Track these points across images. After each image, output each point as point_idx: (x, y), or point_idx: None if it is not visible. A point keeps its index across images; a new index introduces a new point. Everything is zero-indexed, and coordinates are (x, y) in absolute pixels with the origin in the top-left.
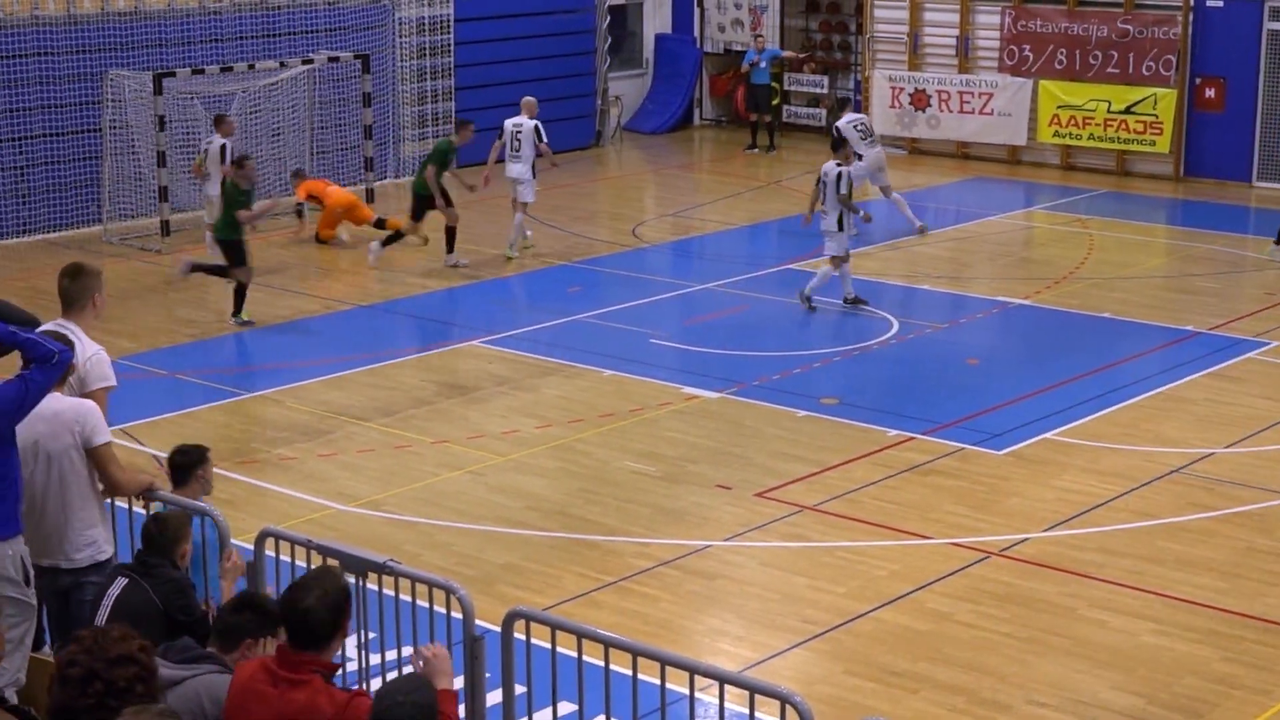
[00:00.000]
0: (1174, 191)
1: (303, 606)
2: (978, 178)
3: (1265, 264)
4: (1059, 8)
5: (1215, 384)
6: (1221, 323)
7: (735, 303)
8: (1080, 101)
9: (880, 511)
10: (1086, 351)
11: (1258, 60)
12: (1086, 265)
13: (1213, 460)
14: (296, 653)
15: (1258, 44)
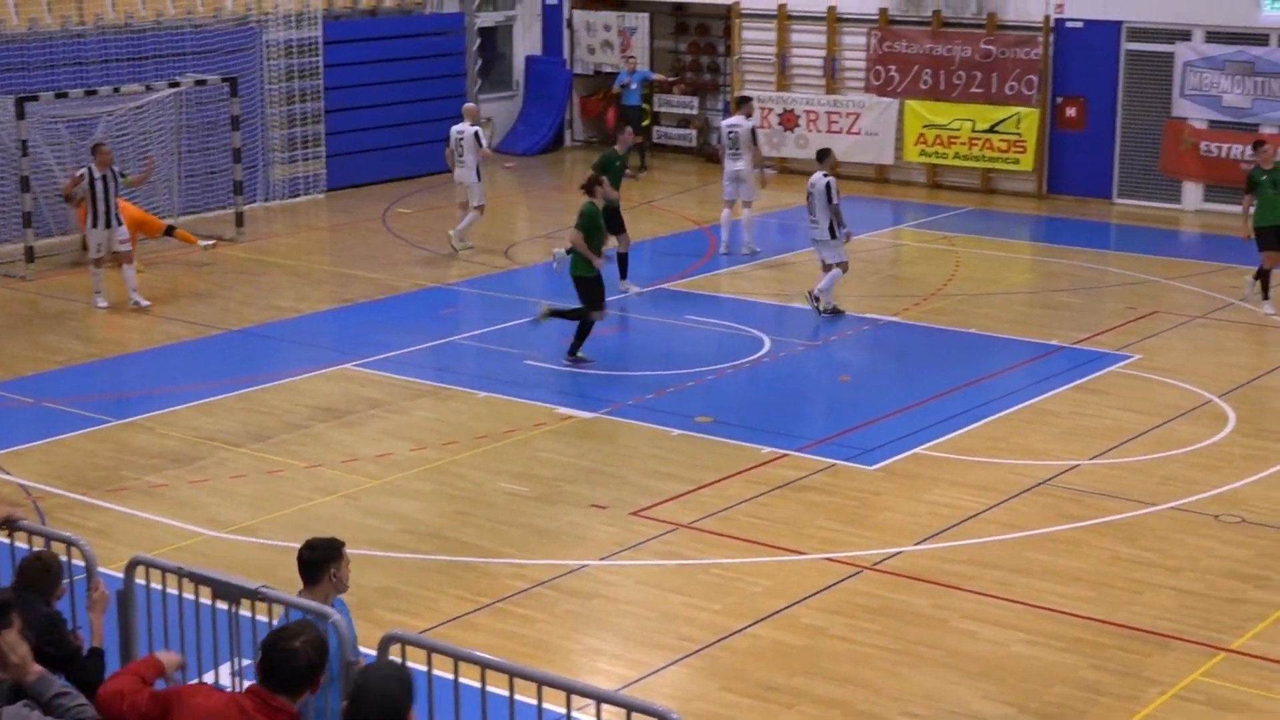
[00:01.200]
0: (1037, 209)
1: (288, 646)
2: (846, 197)
3: (1126, 279)
4: (923, 29)
5: (1080, 397)
6: (1085, 337)
7: (609, 323)
8: (945, 121)
9: (754, 528)
10: (955, 367)
11: (1116, 80)
12: (954, 282)
13: (1078, 472)
14: (273, 696)
15: (1116, 64)
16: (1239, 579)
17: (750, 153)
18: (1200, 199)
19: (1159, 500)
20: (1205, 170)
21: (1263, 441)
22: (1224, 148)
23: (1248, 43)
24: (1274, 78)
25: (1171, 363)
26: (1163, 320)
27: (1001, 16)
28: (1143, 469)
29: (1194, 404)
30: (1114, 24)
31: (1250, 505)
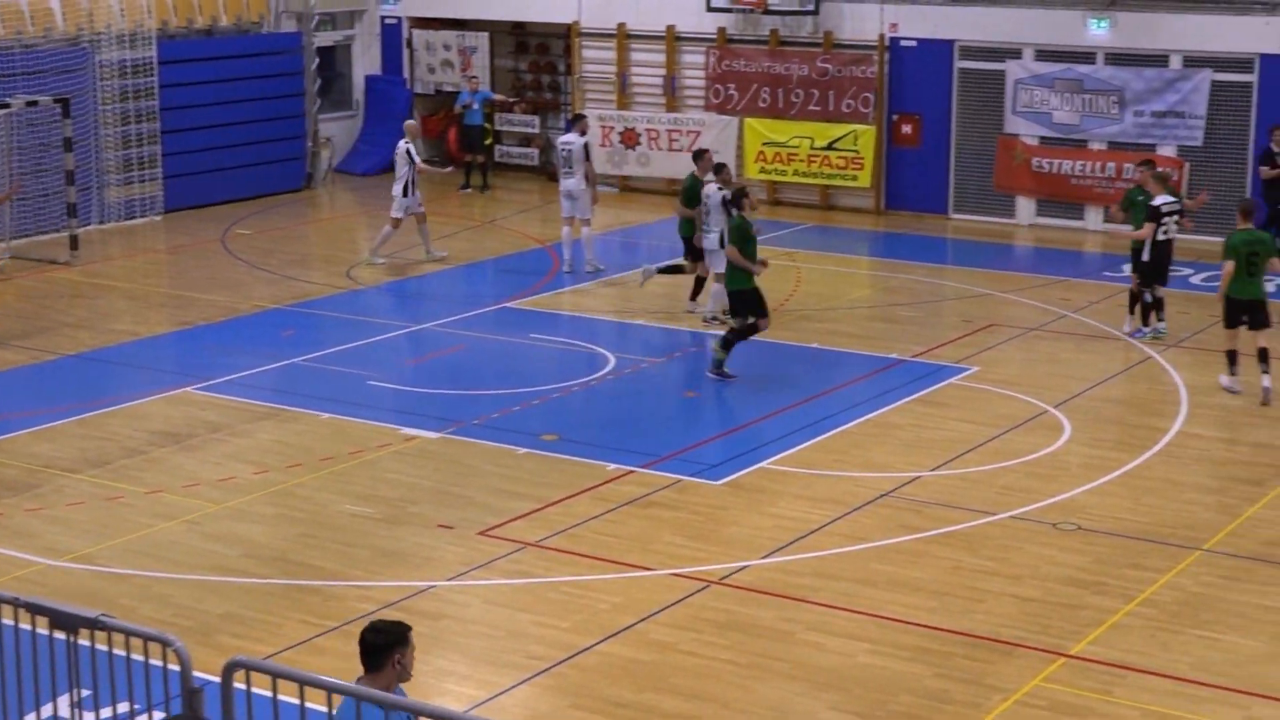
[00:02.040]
0: (876, 224)
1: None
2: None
3: (963, 293)
4: (761, 48)
5: (920, 409)
6: (924, 350)
7: (453, 342)
8: (784, 139)
9: (602, 545)
10: (798, 382)
11: (950, 97)
12: (795, 298)
13: (920, 483)
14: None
15: (950, 82)
16: (1077, 585)
17: (584, 170)
18: (1033, 213)
19: (999, 509)
20: (1037, 185)
21: (1097, 450)
22: (1055, 163)
23: (1076, 61)
24: (1101, 95)
25: (1008, 374)
26: (999, 333)
27: (838, 36)
28: (982, 479)
29: (1031, 415)
30: (947, 43)
31: (1086, 513)
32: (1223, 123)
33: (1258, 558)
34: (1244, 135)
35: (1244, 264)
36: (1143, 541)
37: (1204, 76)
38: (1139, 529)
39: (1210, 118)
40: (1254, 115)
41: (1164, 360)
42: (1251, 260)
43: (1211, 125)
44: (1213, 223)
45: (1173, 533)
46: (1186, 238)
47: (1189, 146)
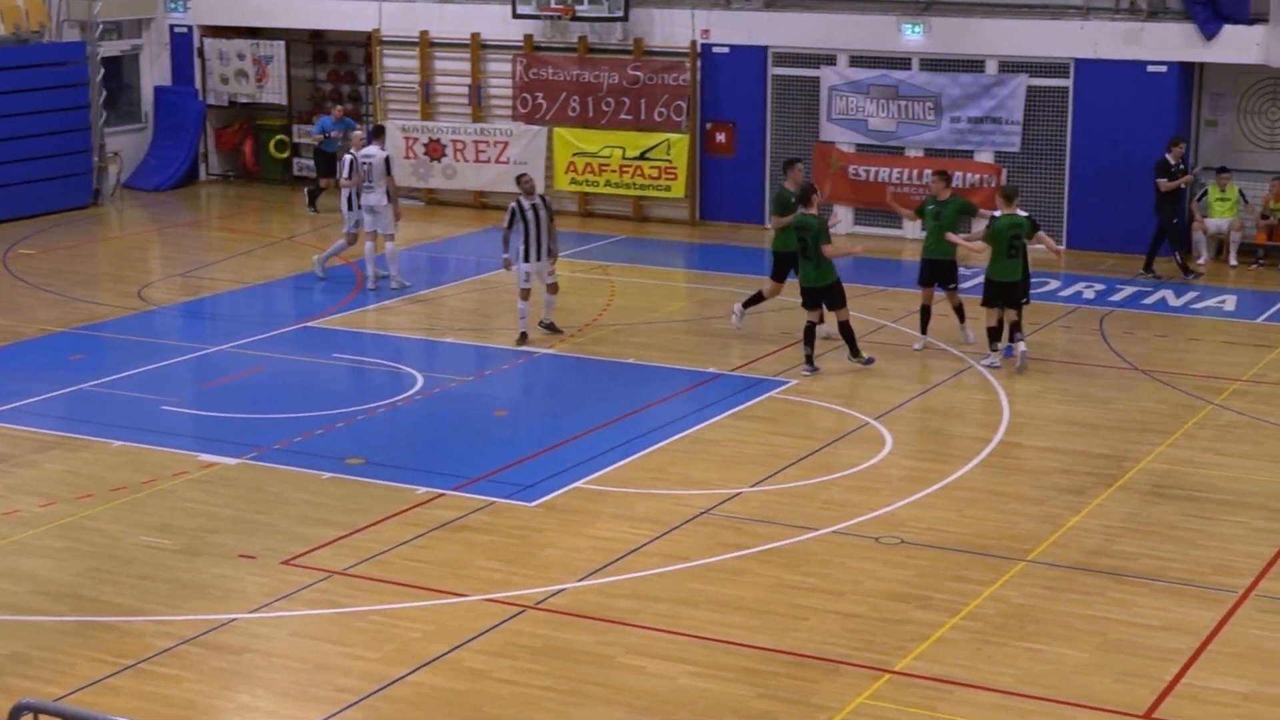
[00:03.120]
0: (690, 235)
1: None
2: (496, 227)
3: (781, 305)
4: (569, 55)
5: (739, 424)
6: (742, 364)
7: (252, 364)
8: (595, 148)
9: (412, 571)
10: (613, 398)
11: (764, 104)
12: (609, 312)
13: (739, 500)
14: None
15: (764, 88)
16: (900, 600)
17: (386, 184)
18: (851, 222)
19: (820, 524)
20: (854, 193)
21: (919, 462)
22: (872, 171)
23: (891, 67)
24: (917, 101)
25: (828, 387)
26: (818, 345)
27: (648, 42)
28: (804, 494)
29: (852, 427)
30: (759, 49)
31: (909, 526)
32: (1040, 128)
33: (1080, 567)
34: (1061, 140)
35: (1005, 247)
36: (966, 554)
37: (1020, 82)
38: (962, 541)
39: (1027, 123)
40: (1070, 120)
41: (985, 370)
42: (1013, 243)
43: (1029, 131)
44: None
45: (996, 544)
46: None
47: (1006, 152)
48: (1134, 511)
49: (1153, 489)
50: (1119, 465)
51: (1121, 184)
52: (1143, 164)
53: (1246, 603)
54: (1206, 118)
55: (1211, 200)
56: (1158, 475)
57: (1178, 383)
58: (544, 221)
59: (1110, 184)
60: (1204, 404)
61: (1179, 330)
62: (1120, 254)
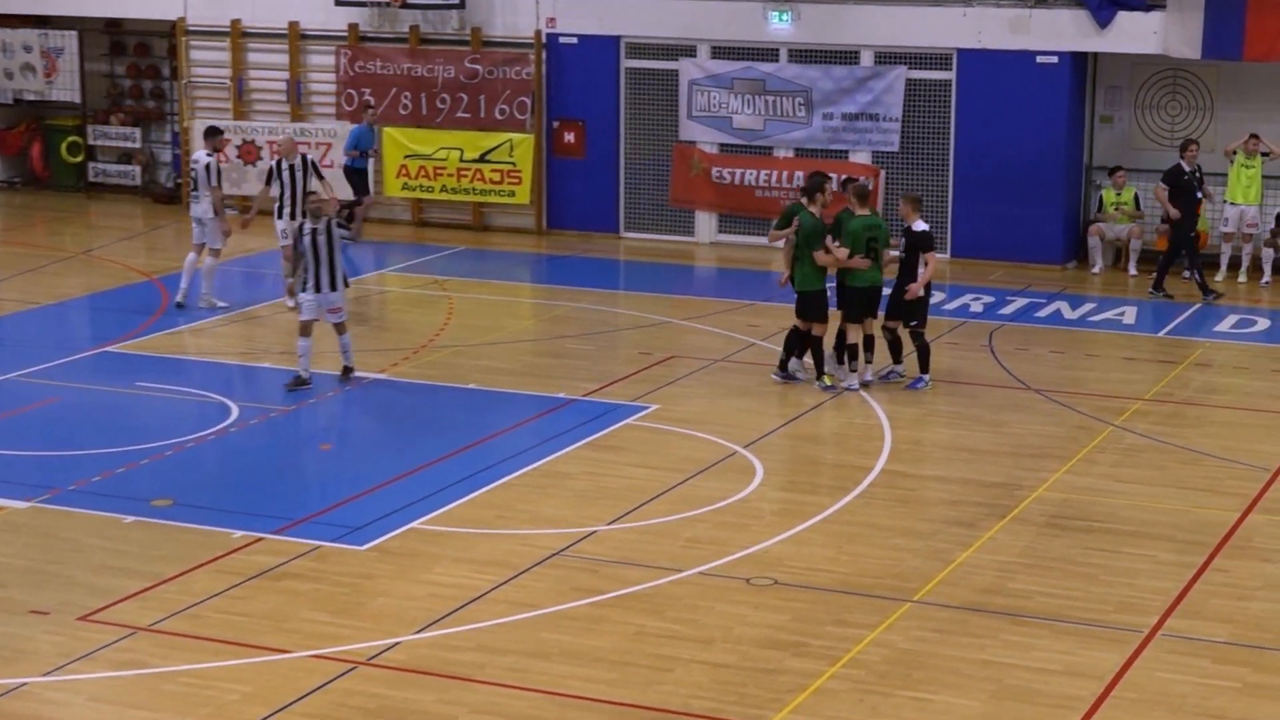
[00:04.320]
0: (537, 246)
1: None
2: None
3: (638, 321)
4: (400, 47)
5: (593, 455)
6: (596, 388)
7: (44, 395)
8: (430, 150)
9: (228, 626)
10: (453, 428)
11: (617, 101)
12: (447, 331)
13: (595, 539)
14: None
15: (616, 83)
16: (775, 647)
17: (210, 193)
18: (714, 230)
19: (685, 565)
20: (718, 199)
21: (793, 494)
22: (737, 173)
23: (756, 58)
24: (786, 96)
25: (692, 412)
26: (680, 365)
27: (488, 32)
28: (666, 531)
29: (718, 457)
30: (612, 39)
31: (783, 565)
32: (920, 125)
33: (972, 608)
34: (944, 138)
35: (863, 251)
36: (846, 595)
37: (898, 74)
38: (842, 581)
39: (907, 120)
40: (954, 116)
41: (864, 391)
42: (871, 246)
43: (908, 128)
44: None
45: (879, 584)
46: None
47: (884, 152)
48: (1030, 545)
49: (1050, 520)
50: (1012, 495)
51: (1010, 186)
52: (1032, 163)
53: (1153, 643)
54: (1101, 113)
55: (1107, 203)
56: (1055, 505)
57: (1075, 403)
58: (323, 249)
59: (998, 186)
60: (1104, 426)
61: (1076, 346)
62: (1010, 263)
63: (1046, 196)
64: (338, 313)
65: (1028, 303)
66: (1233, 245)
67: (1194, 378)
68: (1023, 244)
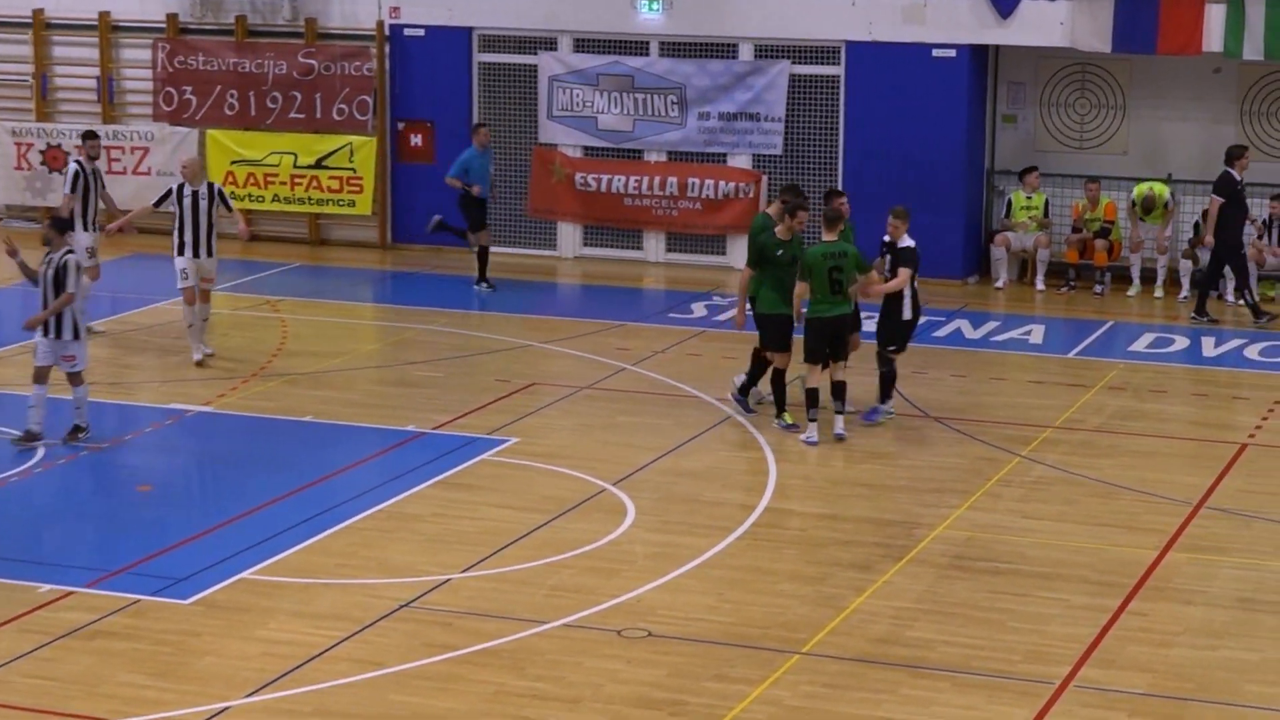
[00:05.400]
0: (382, 262)
1: None
2: (137, 254)
3: (495, 345)
4: (225, 40)
5: (446, 495)
6: (448, 420)
7: None
8: (260, 155)
9: (36, 692)
10: (288, 466)
11: (470, 99)
12: (281, 358)
13: (449, 589)
14: None
15: (469, 79)
16: (650, 706)
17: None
18: (579, 243)
19: (550, 616)
20: (582, 208)
21: (668, 536)
22: (603, 179)
23: (624, 52)
24: (657, 93)
25: (555, 446)
26: (542, 394)
27: (324, 23)
28: (528, 579)
29: (585, 495)
30: (463, 30)
31: (657, 615)
32: (806, 125)
33: (867, 659)
34: (832, 140)
35: (826, 281)
36: (728, 647)
37: (781, 69)
38: (723, 632)
39: (791, 120)
40: (842, 115)
41: (747, 421)
42: (835, 277)
43: (793, 129)
44: None
45: (765, 634)
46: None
47: (767, 155)
48: (930, 589)
49: (952, 562)
50: (910, 534)
51: (905, 192)
52: (929, 168)
53: (1065, 695)
54: (1003, 112)
55: (1016, 207)
56: (957, 545)
57: (978, 432)
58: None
59: (891, 193)
60: (1010, 457)
61: (978, 368)
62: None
63: (945, 204)
64: (69, 361)
65: (925, 321)
66: (1142, 256)
67: (1108, 403)
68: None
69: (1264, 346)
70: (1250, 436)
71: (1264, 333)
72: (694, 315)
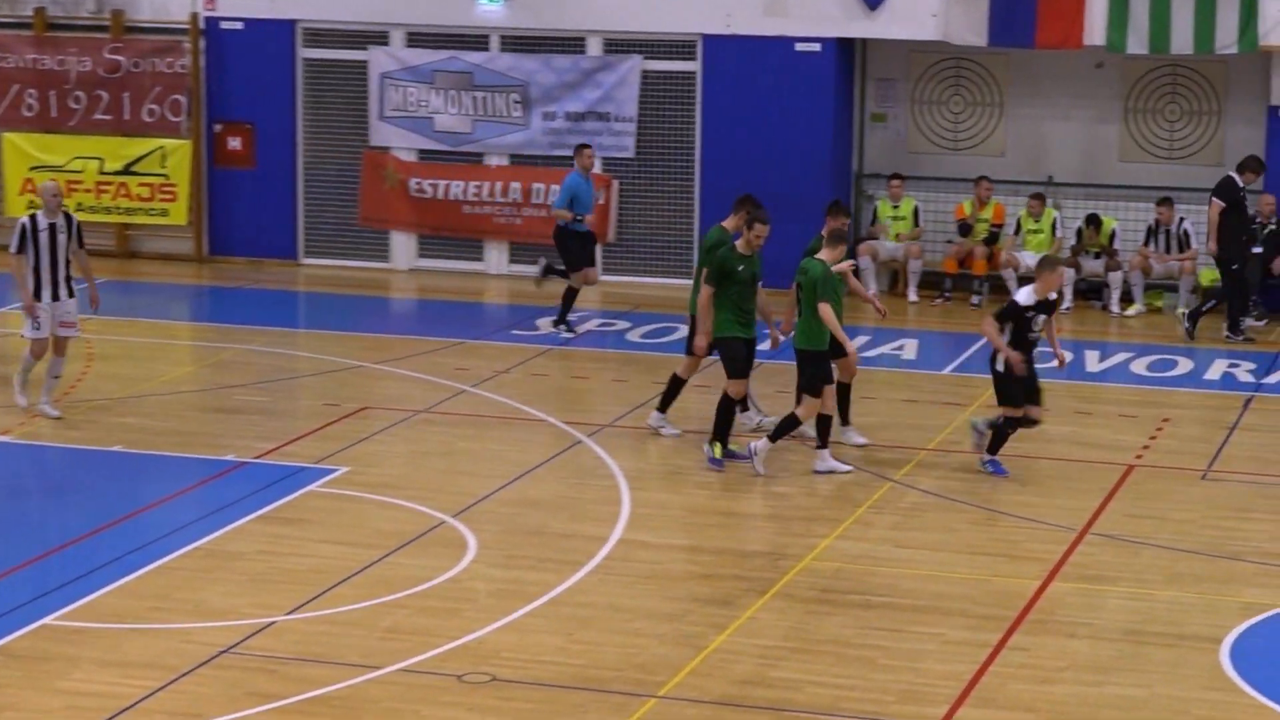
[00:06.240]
0: (198, 276)
1: None
2: None
3: (323, 366)
4: (23, 34)
5: (270, 530)
6: (272, 448)
7: None
8: (62, 160)
9: None
10: (95, 500)
11: (294, 99)
12: (86, 382)
13: (274, 632)
14: None
15: (292, 77)
16: None
17: None
18: (414, 254)
19: (384, 661)
20: (418, 216)
21: (513, 572)
22: (440, 185)
23: (462, 47)
24: (499, 92)
25: (389, 475)
26: (374, 419)
27: (132, 16)
28: (360, 621)
29: (422, 528)
30: (286, 24)
31: (501, 658)
32: (660, 126)
33: (730, 702)
34: (688, 141)
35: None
36: (579, 691)
37: (632, 65)
38: (574, 675)
39: (644, 120)
40: (699, 115)
41: (597, 445)
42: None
43: (646, 130)
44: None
45: (618, 676)
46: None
47: (618, 158)
48: (797, 626)
49: (820, 596)
50: (775, 566)
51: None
52: (793, 171)
53: None
54: (872, 111)
55: (882, 218)
56: (826, 577)
57: (847, 455)
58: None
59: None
60: (881, 481)
61: None
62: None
63: (810, 210)
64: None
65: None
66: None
67: None
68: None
69: (1151, 361)
70: (1137, 457)
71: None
72: (539, 332)
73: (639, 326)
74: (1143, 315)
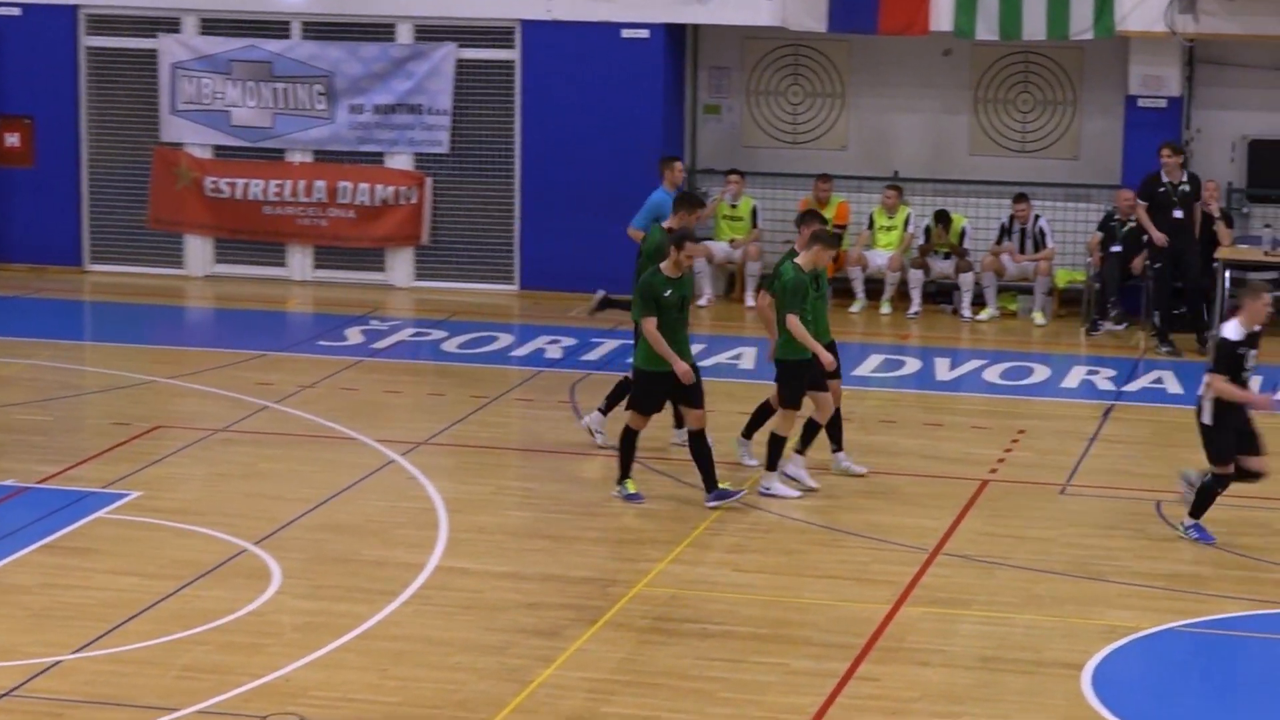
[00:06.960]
0: None
1: None
2: None
3: (112, 381)
4: None
5: (53, 560)
6: (56, 471)
7: None
8: None
9: None
10: None
11: (76, 91)
12: None
13: (59, 672)
14: None
15: (74, 67)
16: None
17: None
18: (210, 260)
19: (181, 702)
20: (214, 218)
21: (320, 603)
22: (238, 184)
23: (261, 34)
24: (301, 83)
25: (185, 500)
26: (168, 439)
27: None
28: (154, 658)
29: (222, 557)
30: (67, 9)
31: (310, 696)
32: (477, 119)
33: None
34: (507, 136)
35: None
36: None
37: (446, 54)
38: (388, 714)
39: (459, 113)
40: (519, 107)
41: (411, 465)
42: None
43: (461, 124)
44: None
45: (437, 714)
46: None
47: (431, 155)
48: (629, 657)
49: (654, 624)
50: (605, 593)
51: (593, 197)
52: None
53: None
54: (705, 102)
55: (718, 220)
56: (660, 604)
57: (683, 472)
58: None
59: (578, 198)
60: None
61: None
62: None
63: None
64: None
65: (619, 345)
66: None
67: None
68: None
69: (1005, 368)
70: (991, 472)
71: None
72: (348, 343)
73: (455, 336)
74: (996, 320)
